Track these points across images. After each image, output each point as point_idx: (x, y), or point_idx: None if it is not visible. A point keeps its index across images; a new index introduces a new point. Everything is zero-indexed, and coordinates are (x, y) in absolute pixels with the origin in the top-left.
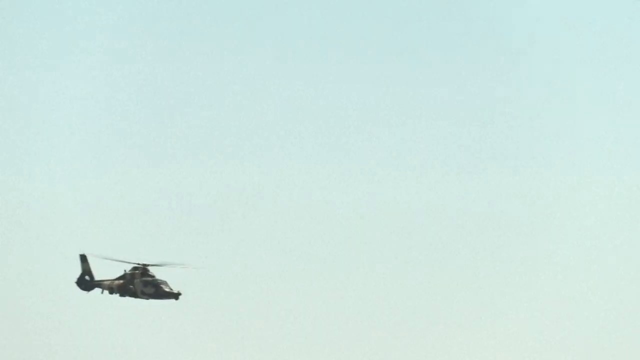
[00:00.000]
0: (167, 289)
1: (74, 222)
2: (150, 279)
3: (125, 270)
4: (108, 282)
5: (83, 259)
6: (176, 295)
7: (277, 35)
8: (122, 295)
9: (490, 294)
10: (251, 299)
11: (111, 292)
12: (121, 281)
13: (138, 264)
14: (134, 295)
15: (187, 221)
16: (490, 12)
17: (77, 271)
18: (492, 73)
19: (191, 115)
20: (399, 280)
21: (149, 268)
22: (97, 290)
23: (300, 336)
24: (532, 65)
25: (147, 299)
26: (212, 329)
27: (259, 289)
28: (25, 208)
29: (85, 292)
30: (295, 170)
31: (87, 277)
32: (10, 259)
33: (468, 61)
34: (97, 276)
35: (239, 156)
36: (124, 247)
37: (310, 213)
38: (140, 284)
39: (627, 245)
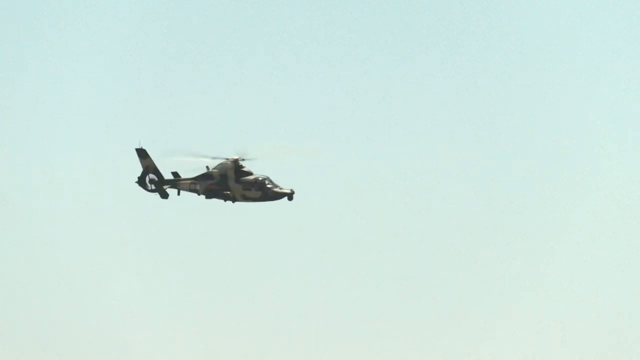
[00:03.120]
0: (276, 188)
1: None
2: (252, 177)
3: (207, 167)
4: (188, 182)
5: (141, 153)
6: (289, 195)
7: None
8: (209, 197)
9: (492, 299)
10: None
11: (195, 193)
12: (209, 180)
13: (225, 158)
14: (228, 197)
15: None
16: (491, 12)
17: (136, 169)
18: (493, 73)
19: None
20: (398, 285)
21: (242, 162)
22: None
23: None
24: (534, 67)
25: (247, 201)
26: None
27: None
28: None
29: (151, 193)
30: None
31: (151, 176)
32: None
33: (468, 61)
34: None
35: None
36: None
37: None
38: (238, 183)
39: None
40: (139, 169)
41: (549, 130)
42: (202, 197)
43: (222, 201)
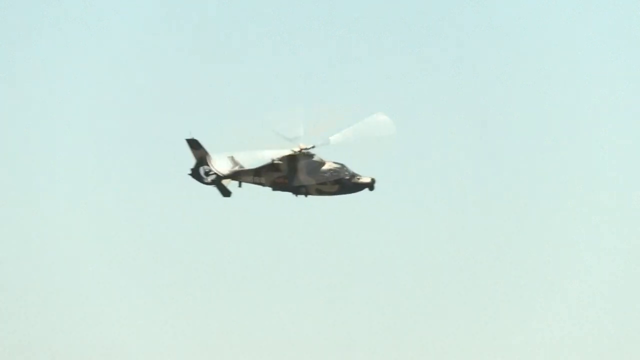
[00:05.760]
0: (354, 178)
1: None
2: (326, 167)
3: (273, 159)
4: (252, 174)
5: (193, 144)
6: (370, 184)
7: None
8: (275, 189)
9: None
10: None
11: (259, 185)
12: (276, 173)
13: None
14: (300, 192)
15: None
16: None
17: (188, 161)
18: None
19: None
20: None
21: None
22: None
23: None
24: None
25: (322, 195)
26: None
27: None
28: None
29: (208, 185)
30: None
31: (207, 168)
32: None
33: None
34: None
35: None
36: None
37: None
38: (310, 175)
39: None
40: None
41: (549, 130)
42: (269, 189)
43: (292, 195)
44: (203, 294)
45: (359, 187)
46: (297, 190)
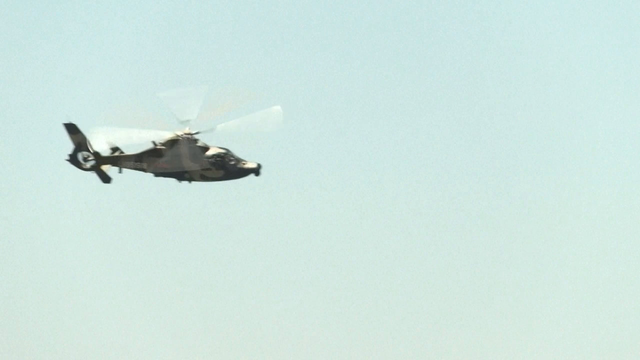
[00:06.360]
0: (240, 164)
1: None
2: (210, 152)
3: (154, 143)
4: (132, 159)
5: (71, 129)
6: (256, 170)
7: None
8: (158, 175)
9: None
10: None
11: (141, 170)
12: (159, 159)
13: (175, 132)
14: (183, 177)
15: None
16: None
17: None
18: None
19: None
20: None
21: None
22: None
23: None
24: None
25: (206, 181)
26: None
27: None
28: None
29: (87, 171)
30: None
31: (85, 154)
32: None
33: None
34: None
35: None
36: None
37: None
38: (194, 161)
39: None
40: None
41: (548, 130)
42: (151, 175)
43: (175, 181)
44: (79, 284)
45: (245, 172)
46: (180, 176)
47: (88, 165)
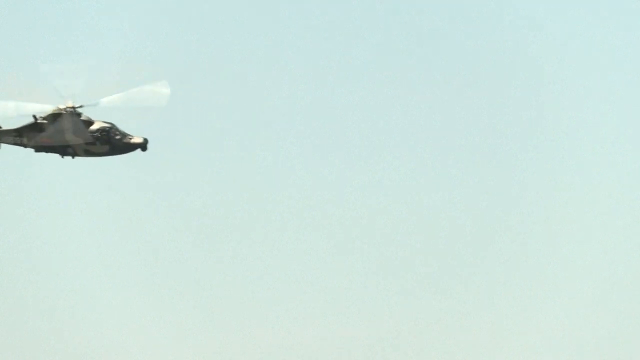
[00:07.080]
0: (125, 138)
1: None
2: (94, 127)
3: (35, 117)
4: (12, 134)
5: None
6: (143, 145)
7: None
8: (39, 150)
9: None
10: None
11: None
12: (40, 133)
13: (57, 105)
14: (67, 152)
15: None
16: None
17: None
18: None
19: None
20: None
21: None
22: None
23: None
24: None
25: (91, 156)
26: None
27: None
28: None
29: None
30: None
31: None
32: None
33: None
34: None
35: None
36: None
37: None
38: (77, 135)
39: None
40: None
41: (548, 130)
42: (31, 150)
43: (58, 157)
44: None
45: (131, 147)
46: (63, 151)
47: None
